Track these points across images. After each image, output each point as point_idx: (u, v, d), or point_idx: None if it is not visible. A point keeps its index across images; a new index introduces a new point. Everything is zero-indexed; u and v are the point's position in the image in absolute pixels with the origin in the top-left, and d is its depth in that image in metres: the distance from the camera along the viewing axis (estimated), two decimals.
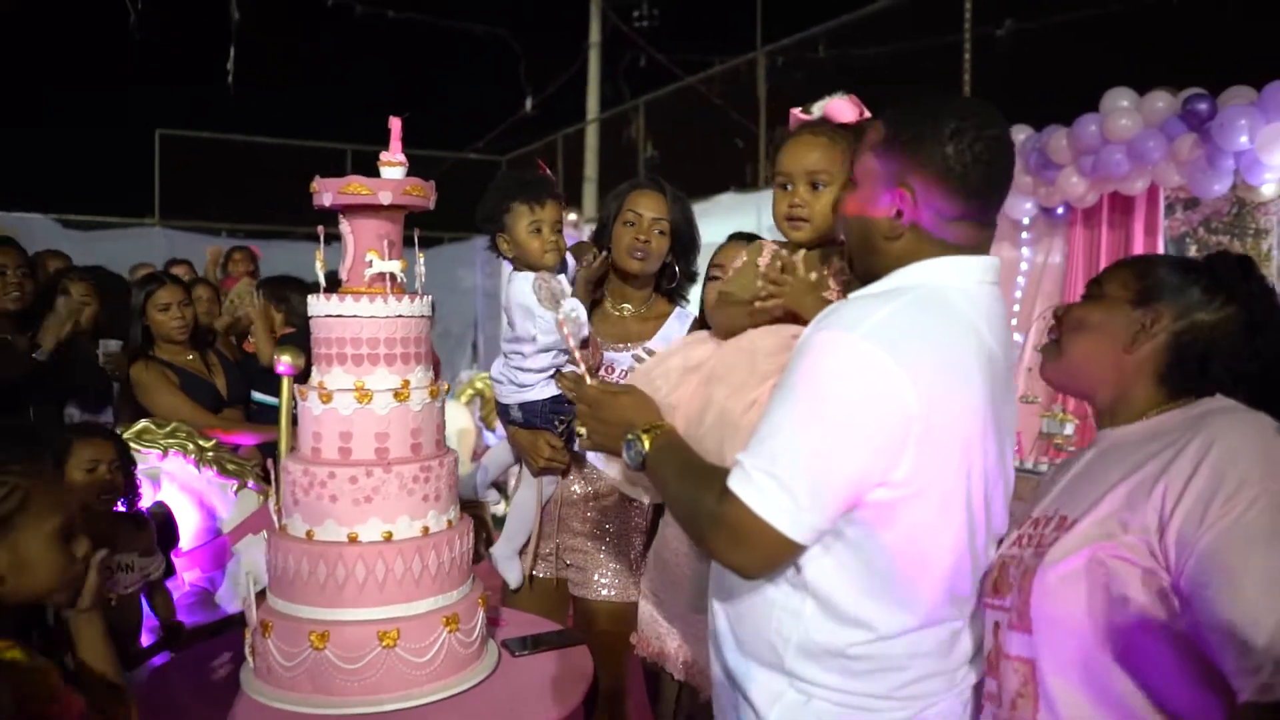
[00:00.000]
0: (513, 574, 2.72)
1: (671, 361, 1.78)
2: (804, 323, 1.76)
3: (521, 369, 2.59)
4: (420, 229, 2.20)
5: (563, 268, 2.61)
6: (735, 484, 1.36)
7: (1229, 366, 1.42)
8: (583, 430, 1.70)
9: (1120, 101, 5.29)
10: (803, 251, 1.84)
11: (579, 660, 2.23)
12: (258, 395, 4.01)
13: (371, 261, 2.04)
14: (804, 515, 1.33)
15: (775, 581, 1.45)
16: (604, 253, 2.70)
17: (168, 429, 3.30)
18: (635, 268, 2.67)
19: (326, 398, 2.00)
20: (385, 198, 2.01)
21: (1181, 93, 5.13)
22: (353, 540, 1.98)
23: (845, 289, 1.79)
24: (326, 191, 2.03)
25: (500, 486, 3.56)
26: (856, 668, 1.42)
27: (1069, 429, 4.54)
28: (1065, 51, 7.35)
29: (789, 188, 1.79)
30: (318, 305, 2.05)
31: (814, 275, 1.80)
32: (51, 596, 1.55)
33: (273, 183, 12.28)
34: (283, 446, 3.55)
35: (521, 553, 2.73)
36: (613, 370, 2.68)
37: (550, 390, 2.59)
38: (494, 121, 13.33)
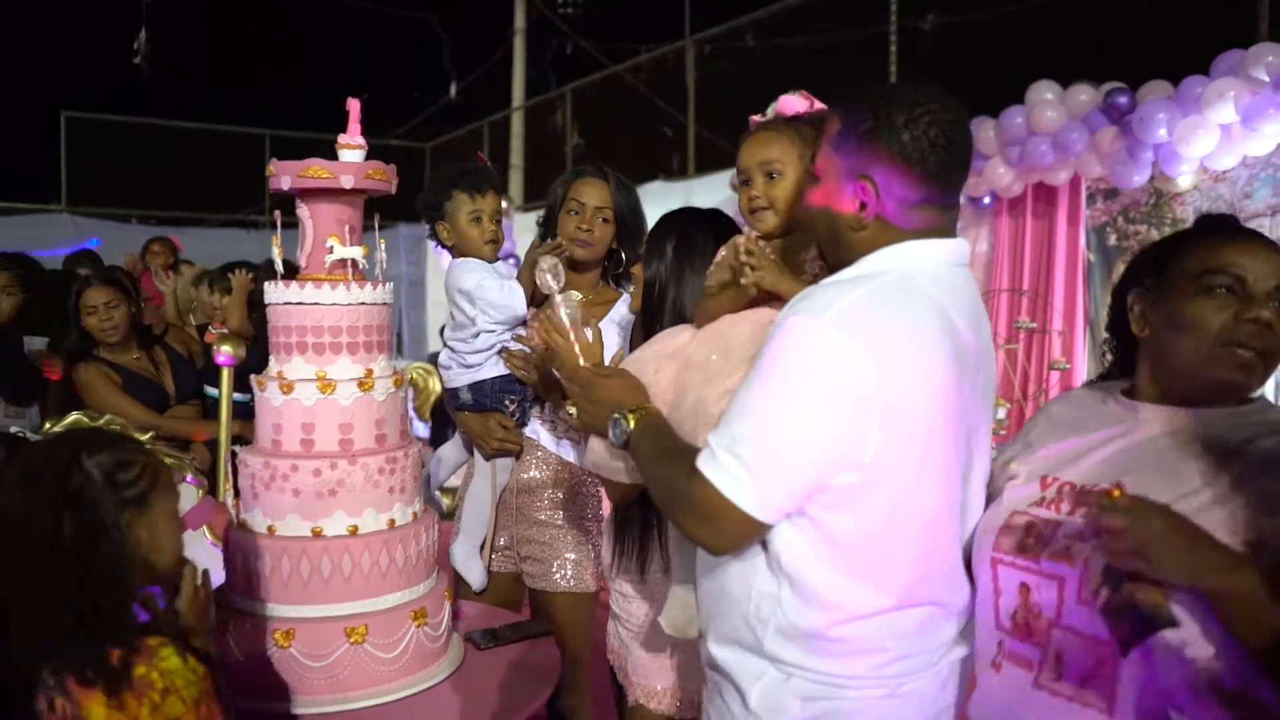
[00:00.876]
0: (475, 574, 2.68)
1: (650, 350, 1.79)
2: (779, 306, 1.79)
3: (468, 350, 2.59)
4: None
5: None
6: (702, 463, 1.40)
7: None
8: (573, 410, 1.72)
9: (1045, 94, 5.44)
10: (776, 241, 1.88)
11: (546, 651, 2.21)
12: (213, 390, 3.85)
13: (332, 247, 1.98)
14: (766, 493, 1.36)
15: (753, 566, 1.47)
16: (554, 240, 2.68)
17: (100, 422, 3.17)
18: (579, 255, 2.66)
19: (287, 388, 1.94)
20: (347, 181, 1.95)
21: (1102, 86, 5.30)
22: (317, 535, 1.92)
23: (818, 275, 1.83)
24: (285, 175, 1.96)
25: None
26: (834, 649, 1.44)
27: (1000, 413, 4.66)
28: (989, 44, 7.53)
29: (748, 183, 1.84)
30: (276, 292, 1.98)
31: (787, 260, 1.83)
32: (170, 577, 1.55)
33: (187, 168, 11.90)
34: (222, 437, 3.45)
35: (480, 548, 2.70)
36: None
37: (499, 369, 2.59)
38: (417, 107, 13.10)
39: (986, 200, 6.12)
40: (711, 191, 7.78)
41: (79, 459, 1.42)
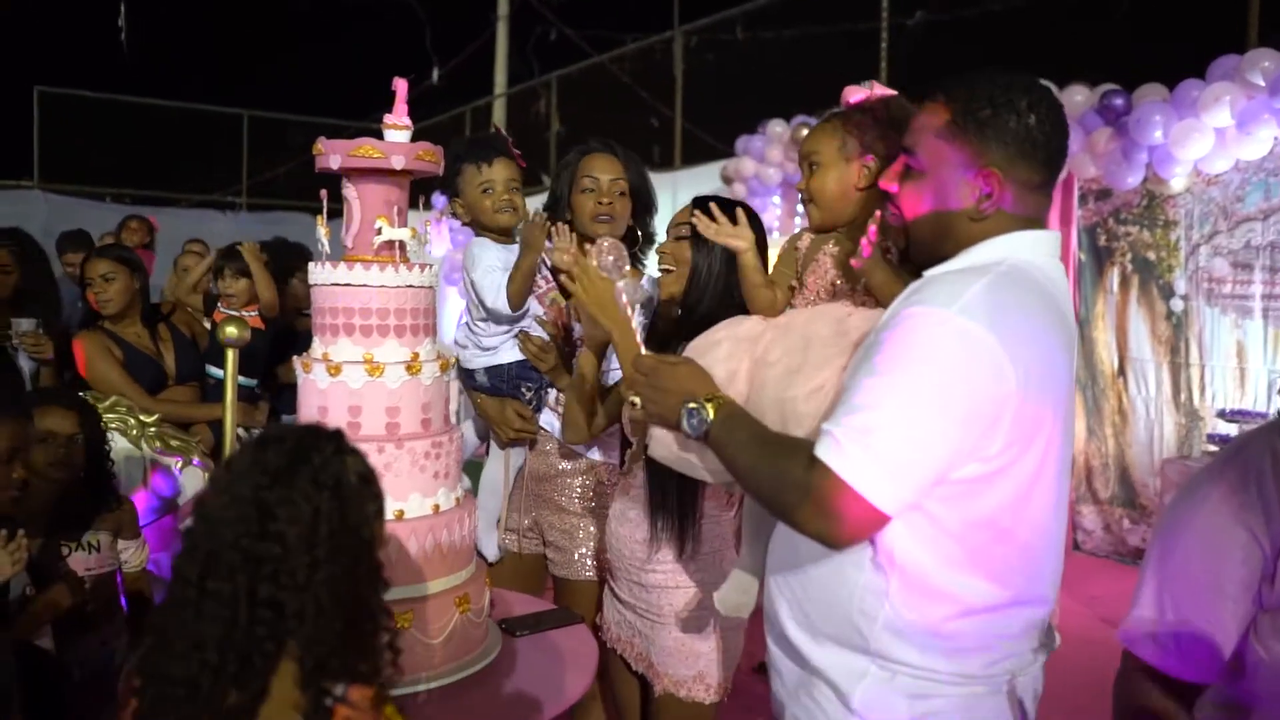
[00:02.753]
0: (490, 547, 2.66)
1: (723, 332, 1.78)
2: (854, 301, 1.79)
3: (485, 334, 2.54)
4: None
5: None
6: (826, 454, 1.33)
7: None
8: (636, 399, 1.66)
9: None
10: (832, 241, 1.88)
11: (582, 638, 2.20)
12: (215, 370, 3.77)
13: (381, 229, 1.95)
14: (895, 487, 1.32)
15: (855, 561, 1.43)
16: (565, 225, 2.55)
17: (106, 402, 3.12)
18: (604, 232, 2.52)
19: (335, 370, 1.91)
20: (398, 162, 1.92)
21: (1098, 88, 5.36)
22: None
23: (838, 276, 1.84)
24: (334, 154, 1.93)
25: None
26: (946, 646, 1.41)
27: None
28: (982, 43, 7.60)
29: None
30: (322, 273, 1.95)
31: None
32: None
33: (163, 147, 11.69)
34: (227, 420, 3.40)
35: (496, 523, 2.68)
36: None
37: (516, 354, 2.54)
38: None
39: None
40: (698, 183, 7.78)
41: (342, 453, 1.33)
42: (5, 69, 12.54)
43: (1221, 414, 4.83)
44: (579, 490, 2.62)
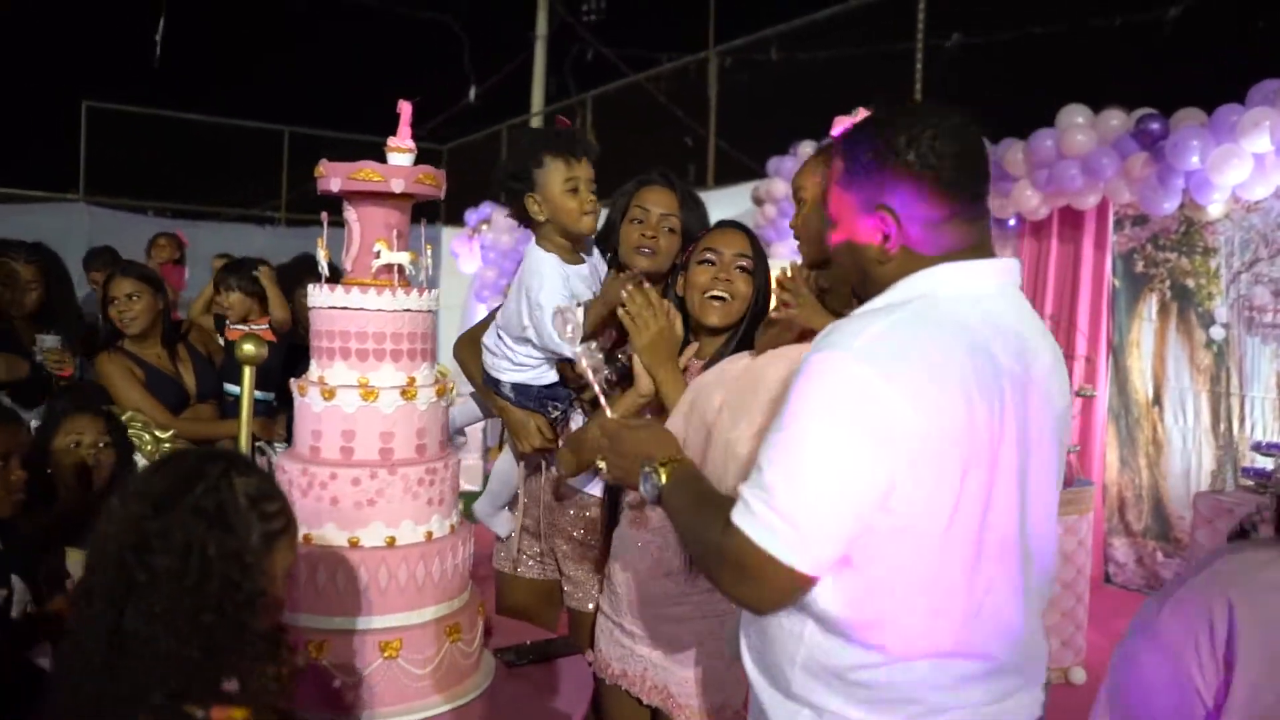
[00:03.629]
0: (501, 524, 2.61)
1: (714, 374, 1.77)
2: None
3: (522, 351, 2.41)
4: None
5: (590, 251, 2.43)
6: (737, 517, 1.31)
7: None
8: (602, 464, 1.66)
9: (1076, 118, 5.40)
10: (812, 273, 1.86)
11: (577, 670, 2.17)
12: (232, 387, 3.81)
13: (380, 252, 1.94)
14: (809, 546, 1.28)
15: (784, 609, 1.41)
16: (637, 274, 2.37)
17: (123, 418, 3.13)
18: (643, 265, 2.43)
19: (329, 394, 1.90)
20: (398, 185, 1.91)
21: (1134, 112, 5.26)
22: (354, 545, 1.88)
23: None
24: (334, 176, 1.92)
25: None
26: (862, 695, 1.37)
27: None
28: (1017, 66, 7.50)
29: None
30: (321, 296, 1.94)
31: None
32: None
33: (205, 162, 11.89)
34: (242, 437, 3.42)
35: (510, 508, 2.62)
36: None
37: (549, 377, 2.43)
38: (436, 109, 13.08)
39: (1011, 223, 6.08)
40: (731, 204, 7.75)
41: (230, 476, 1.35)
42: (53, 83, 12.85)
43: (1257, 446, 4.69)
44: (590, 521, 2.57)
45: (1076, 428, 5.57)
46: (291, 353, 3.90)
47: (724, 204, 7.87)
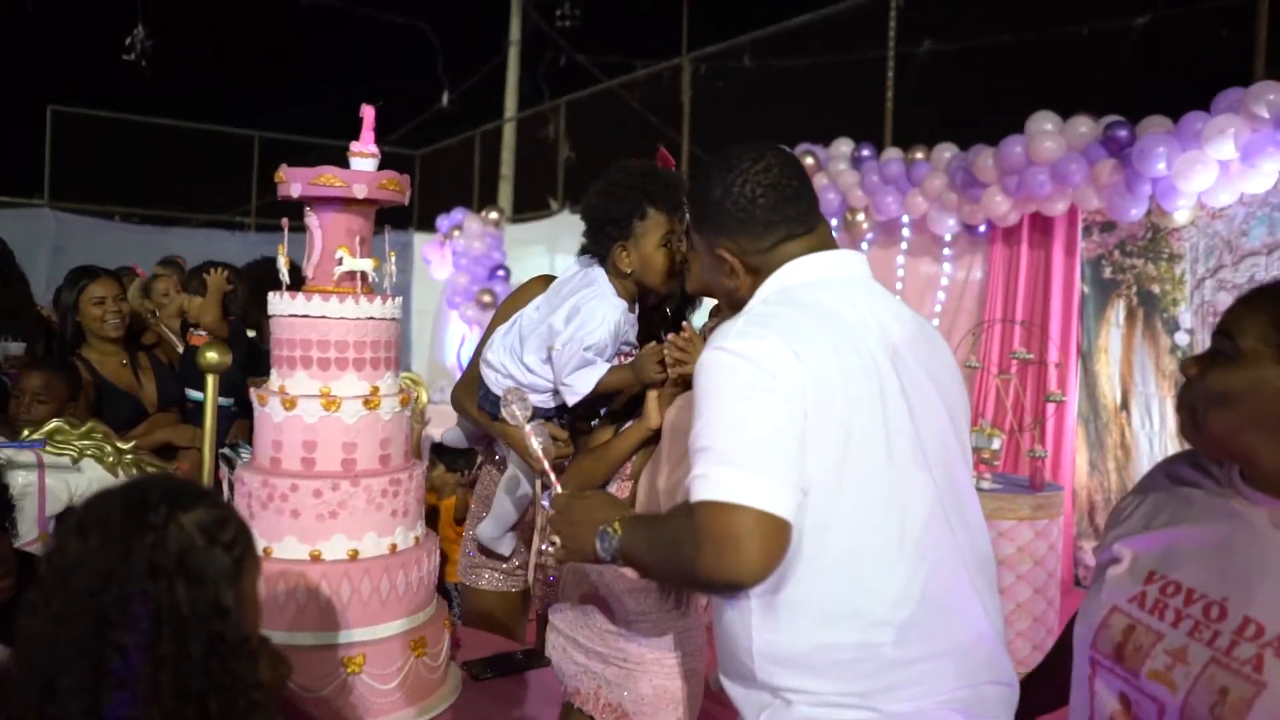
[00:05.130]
0: (506, 547, 2.54)
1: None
2: None
3: (528, 377, 2.30)
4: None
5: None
6: (698, 493, 1.35)
7: None
8: (556, 539, 1.68)
9: (1045, 125, 5.45)
10: (713, 322, 1.97)
11: (546, 683, 2.13)
12: (195, 394, 3.74)
13: (342, 259, 1.90)
14: (773, 487, 1.33)
15: (730, 599, 1.48)
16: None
17: (82, 429, 3.07)
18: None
19: (290, 404, 1.86)
20: (360, 191, 1.88)
21: (1102, 119, 5.31)
22: (315, 558, 1.84)
23: None
24: (295, 182, 1.89)
25: None
26: (818, 664, 1.43)
27: (995, 444, 4.63)
28: (987, 73, 7.56)
29: None
30: (281, 304, 1.90)
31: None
32: None
33: (173, 167, 11.76)
34: (206, 447, 3.36)
35: (515, 529, 2.54)
36: None
37: (549, 404, 2.33)
38: (409, 114, 13.01)
39: (982, 229, 6.12)
40: None
41: (176, 515, 1.18)
42: (18, 87, 12.65)
43: None
44: None
45: (1048, 432, 5.60)
46: (251, 358, 3.86)
47: None
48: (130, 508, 1.18)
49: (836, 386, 1.40)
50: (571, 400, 2.25)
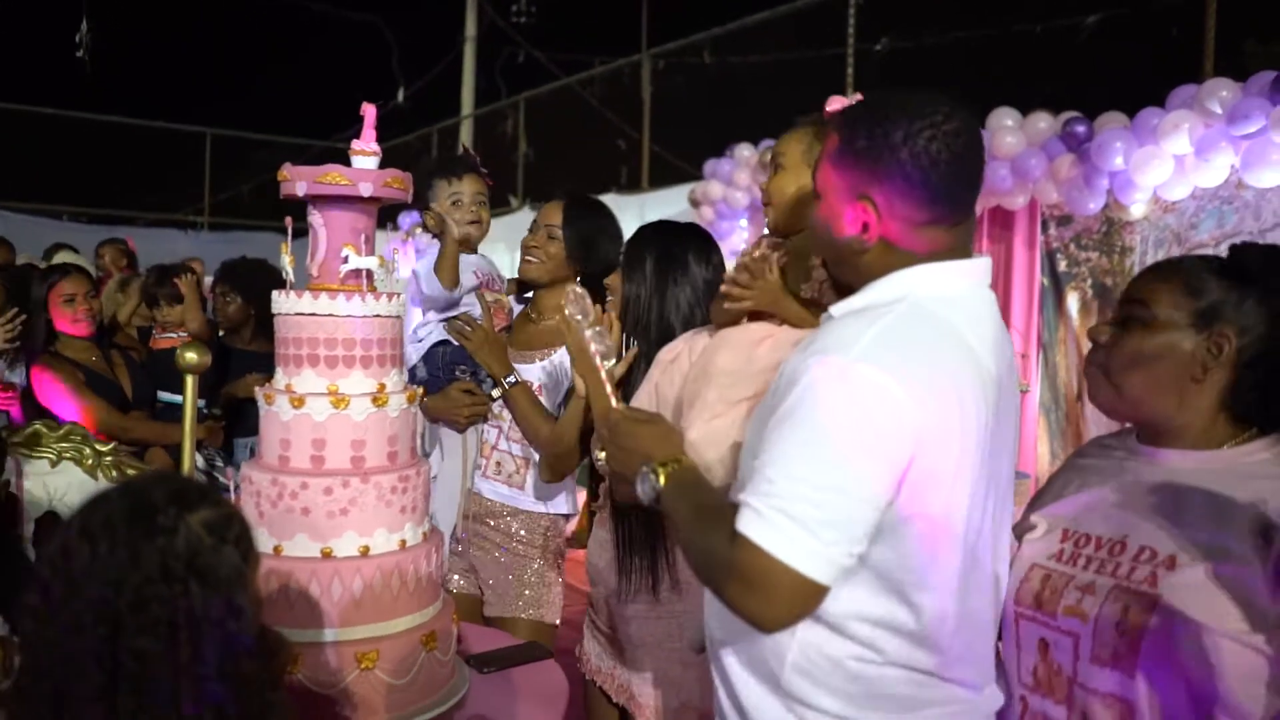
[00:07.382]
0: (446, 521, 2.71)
1: (667, 356, 1.83)
2: (778, 321, 1.80)
3: (416, 325, 2.78)
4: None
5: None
6: (746, 526, 1.25)
7: None
8: (602, 454, 1.64)
9: (1005, 120, 5.57)
10: (775, 255, 1.86)
11: (551, 675, 2.16)
12: (165, 395, 3.71)
13: (347, 257, 1.91)
14: (827, 551, 1.24)
15: None
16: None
17: (61, 431, 3.02)
18: (521, 272, 2.76)
19: (298, 402, 1.86)
20: (366, 189, 1.88)
21: (1061, 115, 5.44)
22: (327, 555, 1.84)
23: (824, 283, 1.80)
24: (300, 180, 1.88)
25: None
26: (854, 689, 1.34)
27: None
28: (947, 70, 7.69)
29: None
30: (286, 303, 1.90)
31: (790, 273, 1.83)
32: None
33: (123, 164, 11.52)
34: (186, 446, 3.33)
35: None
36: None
37: (440, 333, 2.73)
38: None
39: None
40: (665, 205, 7.79)
41: (184, 515, 1.16)
42: None
43: None
44: (520, 532, 2.62)
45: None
46: (219, 359, 3.83)
47: (659, 206, 7.91)
48: (136, 511, 1.17)
49: (954, 434, 1.29)
50: (450, 288, 2.70)
